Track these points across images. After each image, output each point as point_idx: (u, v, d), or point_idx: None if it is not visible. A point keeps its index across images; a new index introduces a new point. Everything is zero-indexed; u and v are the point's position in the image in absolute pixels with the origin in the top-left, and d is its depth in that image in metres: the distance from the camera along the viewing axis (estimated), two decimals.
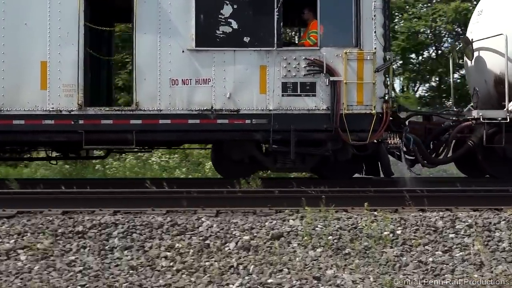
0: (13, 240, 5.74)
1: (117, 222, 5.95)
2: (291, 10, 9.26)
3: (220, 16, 8.26)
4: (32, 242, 5.73)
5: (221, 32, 8.24)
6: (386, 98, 8.60)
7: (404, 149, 8.09)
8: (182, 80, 8.18)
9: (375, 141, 8.41)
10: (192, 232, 5.81)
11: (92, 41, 8.76)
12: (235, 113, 8.30)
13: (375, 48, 8.60)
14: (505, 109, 8.83)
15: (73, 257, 5.56)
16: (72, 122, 8.20)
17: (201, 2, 8.44)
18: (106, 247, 5.71)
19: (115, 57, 9.69)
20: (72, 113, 8.16)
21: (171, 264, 5.36)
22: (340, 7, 8.53)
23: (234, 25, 8.21)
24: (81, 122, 8.15)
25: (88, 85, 8.53)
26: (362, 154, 8.61)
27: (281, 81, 8.32)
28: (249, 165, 9.18)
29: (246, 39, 8.25)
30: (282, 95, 8.24)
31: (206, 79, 8.22)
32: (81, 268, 5.46)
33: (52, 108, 8.17)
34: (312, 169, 9.50)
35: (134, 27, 8.55)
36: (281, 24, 8.70)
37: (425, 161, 9.11)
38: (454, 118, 9.26)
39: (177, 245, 5.63)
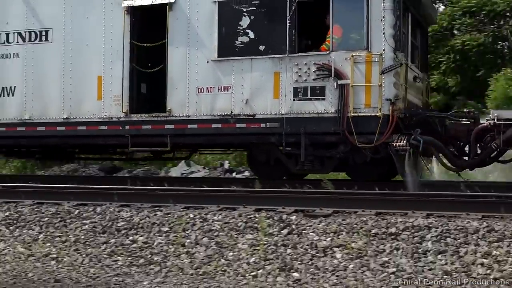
0: (329, 238, 6.22)
1: (430, 225, 6.15)
2: (307, 18, 9.86)
3: (238, 27, 9.63)
4: (347, 241, 6.09)
5: (240, 42, 9.65)
6: (393, 100, 8.87)
7: (410, 151, 8.19)
8: (207, 88, 9.67)
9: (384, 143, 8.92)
10: (511, 240, 5.78)
11: (147, 55, 10.47)
12: (251, 117, 9.52)
13: (383, 50, 9.02)
14: None
15: (386, 258, 5.80)
16: (120, 128, 10.25)
17: (223, 15, 9.76)
18: (419, 250, 5.84)
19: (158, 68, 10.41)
20: (120, 119, 10.20)
21: (488, 272, 5.36)
22: (352, 11, 9.27)
23: (251, 35, 9.51)
24: (127, 127, 10.13)
25: (133, 95, 10.27)
26: (377, 157, 8.93)
27: (292, 86, 9.28)
28: (276, 167, 10.01)
29: (262, 48, 9.48)
30: (294, 100, 9.22)
31: (227, 86, 9.66)
32: (394, 269, 5.66)
33: (105, 115, 10.32)
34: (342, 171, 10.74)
35: (167, 41, 10.14)
36: (294, 31, 9.49)
37: (452, 165, 9.07)
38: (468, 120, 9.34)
39: (494, 252, 5.57)
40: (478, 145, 9.03)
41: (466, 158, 9.18)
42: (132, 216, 7.07)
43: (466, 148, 9.08)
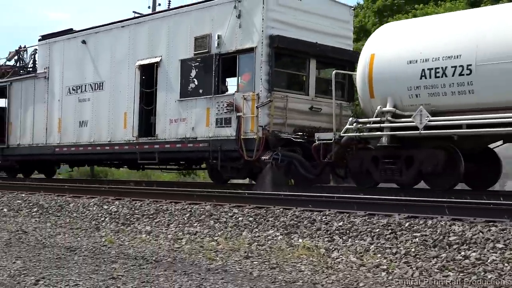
0: None
1: None
2: (226, 69, 15.71)
3: (190, 77, 16.18)
4: None
5: (190, 88, 16.18)
6: (264, 126, 14.12)
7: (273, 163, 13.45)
8: (174, 119, 16.42)
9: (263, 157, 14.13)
10: None
11: (148, 97, 17.38)
12: (195, 139, 15.86)
13: (260, 91, 14.43)
14: (332, 132, 13.13)
15: None
16: (134, 147, 17.63)
17: (183, 69, 16.29)
18: None
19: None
20: (133, 141, 17.52)
21: None
22: (248, 64, 14.83)
23: (196, 82, 16.05)
24: (137, 147, 17.54)
25: (141, 124, 17.27)
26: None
27: (215, 117, 15.44)
28: (216, 175, 16.57)
29: (201, 91, 15.89)
30: (216, 127, 15.38)
31: (184, 118, 16.21)
32: None
33: (127, 139, 17.81)
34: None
35: (155, 88, 17.04)
36: (217, 79, 15.49)
37: (307, 173, 13.96)
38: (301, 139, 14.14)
39: None
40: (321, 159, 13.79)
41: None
42: (464, 231, 7.34)
43: None
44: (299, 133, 14.70)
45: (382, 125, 12.58)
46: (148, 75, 17.73)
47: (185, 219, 10.33)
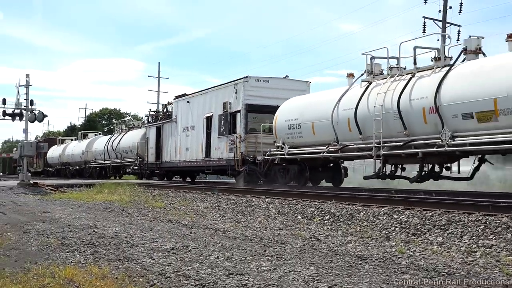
0: None
1: None
2: (234, 120, 28.25)
3: (221, 124, 28.99)
4: None
5: (221, 130, 29.05)
6: (243, 152, 26.45)
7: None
8: (215, 147, 29.57)
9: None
10: None
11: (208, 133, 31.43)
12: (222, 159, 28.74)
13: (240, 133, 27.04)
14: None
15: None
16: (204, 163, 31.15)
17: (219, 120, 29.19)
18: None
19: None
20: (203, 160, 31.09)
21: None
22: (236, 116, 27.80)
23: (223, 127, 28.88)
24: (204, 163, 31.01)
25: (206, 151, 30.66)
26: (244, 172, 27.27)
27: (229, 147, 28.10)
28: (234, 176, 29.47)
29: (224, 132, 28.75)
30: (228, 152, 28.16)
31: (219, 147, 29.24)
32: None
33: (201, 158, 31.35)
34: None
35: (210, 130, 30.43)
36: (230, 126, 28.11)
37: (260, 176, 25.75)
38: None
39: None
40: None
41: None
42: None
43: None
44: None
45: (277, 152, 24.14)
46: (208, 122, 31.30)
47: (479, 231, 9.94)
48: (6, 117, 32.02)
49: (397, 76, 18.76)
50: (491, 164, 17.72)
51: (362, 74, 20.52)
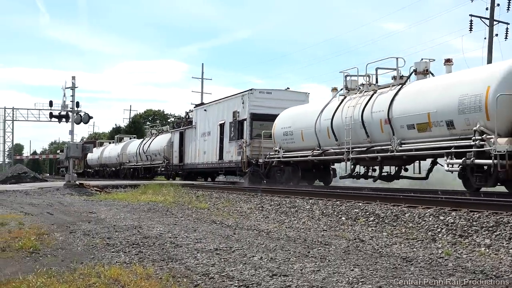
0: None
1: None
2: (241, 128, 32.22)
3: (231, 131, 33.05)
4: None
5: (231, 136, 33.03)
6: (248, 155, 30.17)
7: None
8: (227, 151, 33.63)
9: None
10: None
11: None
12: (232, 161, 32.68)
13: (246, 139, 30.89)
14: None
15: None
16: (217, 165, 35.34)
17: (230, 127, 33.13)
18: None
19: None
20: (216, 162, 35.25)
21: None
22: (242, 124, 31.63)
23: (233, 133, 32.86)
24: (218, 165, 35.19)
25: (221, 154, 34.65)
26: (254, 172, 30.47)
27: (237, 151, 32.45)
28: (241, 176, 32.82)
29: (234, 137, 33.01)
30: (237, 155, 32.28)
31: (230, 151, 33.33)
32: None
33: (215, 161, 35.47)
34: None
35: (223, 136, 34.42)
36: (238, 132, 31.97)
37: (263, 177, 29.07)
38: None
39: None
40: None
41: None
42: None
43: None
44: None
45: (275, 155, 27.53)
46: (221, 129, 35.17)
47: None
48: (53, 119, 32.59)
49: (365, 92, 22.21)
50: (442, 166, 19.33)
51: (342, 89, 24.09)
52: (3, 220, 13.39)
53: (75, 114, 31.40)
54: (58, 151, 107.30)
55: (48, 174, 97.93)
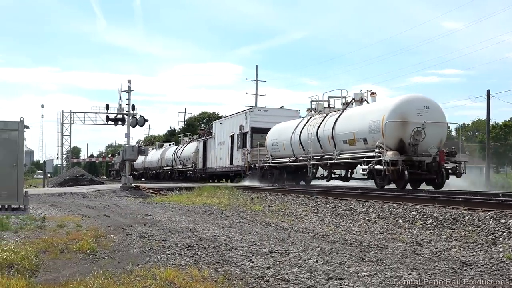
0: None
1: None
2: (245, 139, 39.36)
3: (238, 141, 40.71)
4: None
5: (238, 145, 40.72)
6: (250, 161, 37.53)
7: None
8: (235, 158, 40.85)
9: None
10: None
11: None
12: (239, 166, 39.75)
13: (248, 147, 37.93)
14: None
15: None
16: (228, 168, 42.41)
17: (237, 138, 40.51)
18: None
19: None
20: (228, 167, 42.34)
21: None
22: (245, 137, 39.05)
23: (239, 143, 40.42)
24: (229, 169, 42.46)
25: (231, 159, 41.60)
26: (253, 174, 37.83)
27: (242, 157, 39.59)
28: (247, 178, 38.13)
29: (240, 146, 40.84)
30: (242, 160, 39.97)
31: (238, 157, 40.20)
32: None
33: (227, 166, 42.44)
34: None
35: (233, 145, 41.34)
36: (242, 142, 39.52)
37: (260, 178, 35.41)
38: None
39: None
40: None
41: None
42: None
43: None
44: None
45: (267, 161, 34.40)
46: (232, 139, 41.17)
47: None
48: (109, 122, 32.96)
49: (322, 114, 28.62)
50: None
51: (308, 111, 31.08)
52: (62, 222, 13.03)
53: (131, 117, 30.38)
54: (109, 155, 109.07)
55: (104, 177, 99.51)
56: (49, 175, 47.14)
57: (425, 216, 12.90)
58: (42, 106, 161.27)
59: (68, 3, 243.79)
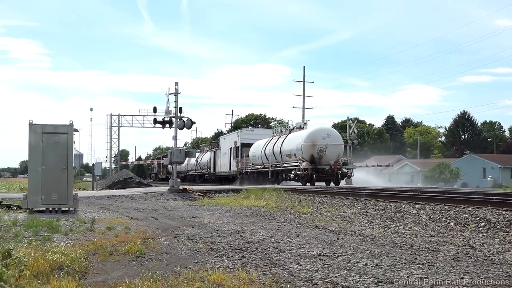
0: None
1: None
2: (238, 151, 51.28)
3: (234, 152, 55.47)
4: None
5: (233, 155, 55.81)
6: (239, 167, 49.97)
7: None
8: (234, 164, 53.35)
9: None
10: None
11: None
12: (235, 171, 55.06)
13: (238, 158, 49.38)
14: None
15: None
16: (231, 172, 53.61)
17: (235, 150, 54.44)
18: None
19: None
20: (228, 172, 55.16)
21: None
22: (236, 149, 50.71)
23: (235, 154, 57.40)
24: (230, 172, 56.59)
25: (229, 166, 52.58)
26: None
27: (236, 164, 53.96)
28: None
29: (236, 156, 57.79)
30: (236, 167, 55.64)
31: (235, 164, 50.25)
32: None
33: (228, 170, 54.84)
34: None
35: (232, 154, 52.05)
36: (236, 153, 55.51)
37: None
38: None
39: None
40: None
41: None
42: None
43: None
44: None
45: (250, 167, 47.95)
46: (230, 151, 52.73)
47: None
48: (157, 125, 33.22)
49: (280, 135, 42.02)
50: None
51: (294, 127, 41.88)
52: (110, 225, 12.10)
53: (178, 120, 28.79)
54: (150, 159, 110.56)
55: (152, 180, 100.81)
56: (98, 177, 47.79)
57: (477, 218, 12.40)
58: (91, 109, 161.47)
59: (115, 7, 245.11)
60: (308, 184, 33.69)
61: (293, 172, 36.06)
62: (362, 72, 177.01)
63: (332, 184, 34.64)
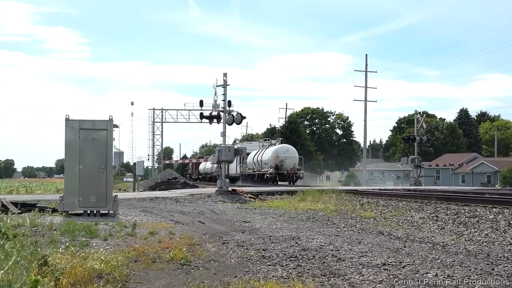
0: None
1: None
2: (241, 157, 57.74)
3: (238, 159, 65.58)
4: None
5: (237, 160, 67.77)
6: (241, 170, 74.27)
7: None
8: (237, 168, 66.00)
9: None
10: None
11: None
12: (238, 173, 74.83)
13: (242, 163, 61.75)
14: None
15: None
16: (236, 173, 62.04)
17: (239, 158, 53.48)
18: None
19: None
20: (236, 174, 63.19)
21: None
22: (241, 154, 46.01)
23: (238, 159, 69.23)
24: (237, 174, 67.93)
25: (235, 169, 59.95)
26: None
27: (239, 167, 73.77)
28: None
29: (239, 161, 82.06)
30: (240, 170, 78.12)
31: (238, 168, 63.49)
32: None
33: (235, 172, 61.83)
34: None
35: (238, 161, 53.06)
36: (239, 159, 70.50)
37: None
38: None
39: None
40: None
41: None
42: None
43: None
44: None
45: (248, 171, 65.92)
46: (237, 158, 48.78)
47: None
48: (204, 120, 32.85)
49: (264, 147, 58.27)
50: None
51: (271, 144, 52.83)
52: (153, 229, 10.61)
53: (227, 114, 26.36)
54: (197, 158, 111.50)
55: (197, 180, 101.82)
56: (139, 178, 47.74)
57: None
58: (132, 104, 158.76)
59: None
60: (274, 183, 47.13)
61: (266, 175, 48.97)
62: (432, 60, 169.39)
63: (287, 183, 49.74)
